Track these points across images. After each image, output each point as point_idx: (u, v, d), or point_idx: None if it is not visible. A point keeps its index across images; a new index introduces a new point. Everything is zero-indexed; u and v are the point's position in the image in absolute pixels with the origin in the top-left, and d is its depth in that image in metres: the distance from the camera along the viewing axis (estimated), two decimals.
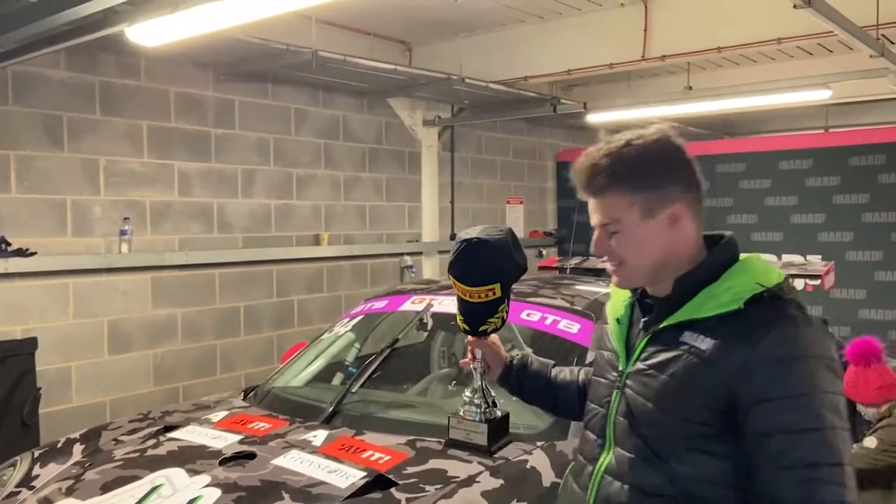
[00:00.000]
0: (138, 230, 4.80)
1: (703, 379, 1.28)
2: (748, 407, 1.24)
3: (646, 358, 1.38)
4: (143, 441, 2.64)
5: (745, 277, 1.32)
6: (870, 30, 4.20)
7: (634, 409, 1.37)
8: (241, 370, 5.43)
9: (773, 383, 1.23)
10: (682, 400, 1.30)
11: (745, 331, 1.26)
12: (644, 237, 1.36)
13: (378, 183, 6.56)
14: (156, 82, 4.91)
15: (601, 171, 1.36)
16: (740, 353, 1.25)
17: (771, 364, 1.23)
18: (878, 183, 6.60)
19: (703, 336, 1.30)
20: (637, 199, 1.35)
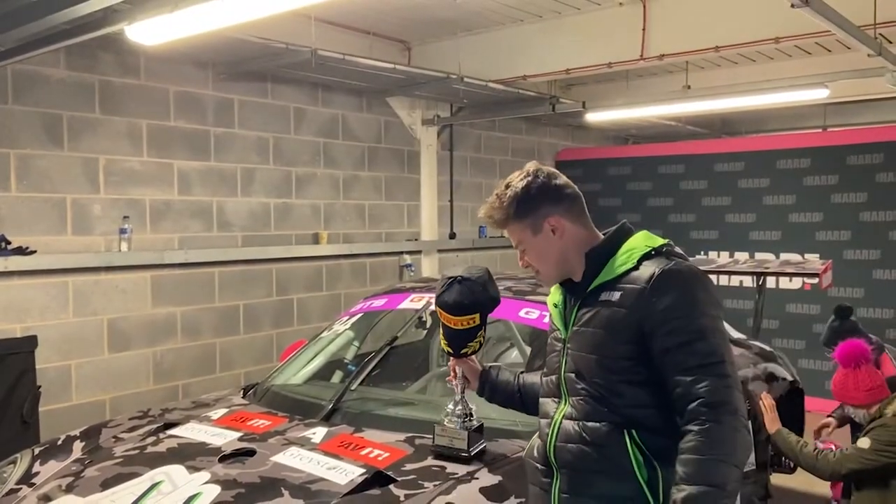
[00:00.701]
0: (138, 229, 4.81)
1: (619, 321, 1.68)
2: (651, 333, 1.65)
3: (577, 321, 1.77)
4: (142, 438, 2.65)
5: (636, 244, 1.76)
6: (867, 29, 4.21)
7: (577, 362, 1.75)
8: (240, 368, 5.44)
9: (664, 311, 1.64)
10: (608, 342, 1.70)
11: (641, 277, 1.69)
12: (541, 248, 1.81)
13: (377, 182, 6.57)
14: (155, 81, 4.92)
15: (497, 212, 1.80)
16: (639, 294, 1.67)
17: (661, 296, 1.65)
18: (876, 182, 6.60)
19: (613, 291, 1.71)
20: (525, 224, 1.79)
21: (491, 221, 1.81)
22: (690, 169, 7.69)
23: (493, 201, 1.80)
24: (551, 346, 1.88)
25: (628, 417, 1.67)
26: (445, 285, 2.18)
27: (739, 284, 6.85)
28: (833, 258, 6.02)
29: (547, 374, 1.87)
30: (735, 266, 5.22)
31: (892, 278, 6.50)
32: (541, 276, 1.85)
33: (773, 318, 6.67)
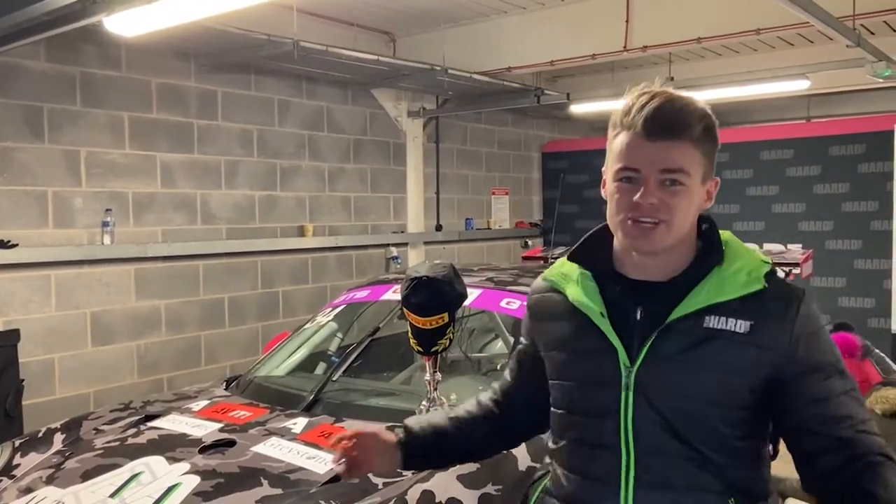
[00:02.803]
0: (121, 222, 4.79)
1: (746, 360, 1.26)
2: (799, 377, 1.27)
3: (663, 350, 1.28)
4: (123, 430, 2.65)
5: (748, 256, 1.34)
6: (846, 20, 4.25)
7: (664, 410, 1.27)
8: (225, 361, 5.44)
9: (817, 353, 1.29)
10: (725, 387, 1.27)
11: (778, 307, 1.28)
12: (694, 201, 1.30)
13: (363, 174, 6.57)
14: (137, 73, 4.89)
15: (695, 116, 1.28)
16: (781, 329, 1.27)
17: (811, 335, 1.29)
18: (858, 172, 6.67)
19: (732, 318, 1.27)
20: (704, 161, 1.30)
21: (674, 114, 1.26)
22: None
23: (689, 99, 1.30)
24: (581, 370, 1.38)
25: (733, 484, 1.29)
26: (410, 286, 2.12)
27: None
28: (816, 248, 6.07)
29: (578, 408, 1.38)
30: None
31: (873, 268, 6.57)
32: (663, 231, 1.27)
33: None
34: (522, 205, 8.61)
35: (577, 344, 1.38)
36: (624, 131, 1.30)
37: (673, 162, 1.26)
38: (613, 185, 1.31)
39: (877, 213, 6.51)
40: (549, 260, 4.72)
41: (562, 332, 1.41)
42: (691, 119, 1.27)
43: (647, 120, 1.26)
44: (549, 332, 1.45)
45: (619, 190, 1.30)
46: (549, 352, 1.45)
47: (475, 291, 3.03)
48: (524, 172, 8.66)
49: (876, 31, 5.82)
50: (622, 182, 1.29)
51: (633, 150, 1.28)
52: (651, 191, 1.25)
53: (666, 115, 1.26)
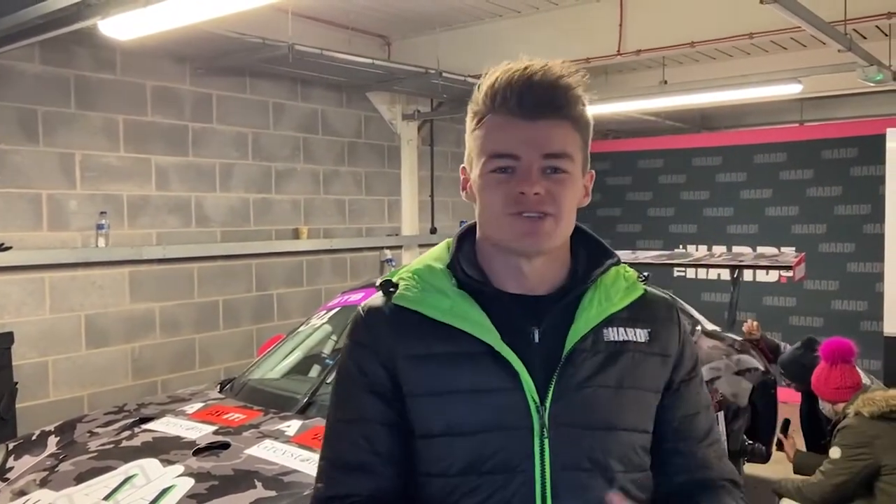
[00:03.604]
0: (115, 224, 4.79)
1: (653, 372, 1.13)
2: (681, 387, 1.16)
3: (574, 376, 1.07)
4: (117, 433, 2.66)
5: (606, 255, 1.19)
6: (838, 24, 4.27)
7: (590, 450, 1.06)
8: (220, 364, 5.44)
9: (692, 358, 1.19)
10: (645, 406, 1.12)
11: (663, 312, 1.18)
12: (576, 193, 1.11)
13: (357, 177, 6.58)
14: (132, 76, 4.90)
15: (573, 91, 1.09)
16: (672, 334, 1.17)
17: (688, 341, 1.20)
18: (851, 176, 6.71)
19: (629, 328, 1.12)
20: (583, 146, 1.12)
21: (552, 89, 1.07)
22: (669, 163, 7.77)
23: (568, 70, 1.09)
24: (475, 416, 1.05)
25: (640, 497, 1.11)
26: None
27: (717, 277, 6.94)
28: (808, 251, 6.12)
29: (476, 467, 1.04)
30: (711, 259, 5.30)
31: (866, 271, 6.61)
32: (552, 225, 1.06)
33: (750, 311, 6.76)
34: None
35: (464, 382, 1.05)
36: (491, 114, 1.09)
37: (556, 145, 1.05)
38: (484, 178, 1.08)
39: (869, 217, 6.55)
40: None
41: (438, 369, 1.07)
42: (571, 95, 1.08)
43: (523, 95, 1.05)
44: (416, 372, 1.07)
45: (494, 183, 1.06)
46: (420, 397, 1.07)
47: None
48: None
49: (867, 35, 5.85)
50: (496, 173, 1.06)
51: (508, 132, 1.06)
52: (536, 179, 1.04)
53: (544, 89, 1.06)
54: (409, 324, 1.09)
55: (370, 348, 1.11)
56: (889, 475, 2.98)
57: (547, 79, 1.07)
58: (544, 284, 1.12)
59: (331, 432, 1.15)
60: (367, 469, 1.08)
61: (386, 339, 1.10)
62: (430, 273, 1.14)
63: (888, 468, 2.98)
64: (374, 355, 1.10)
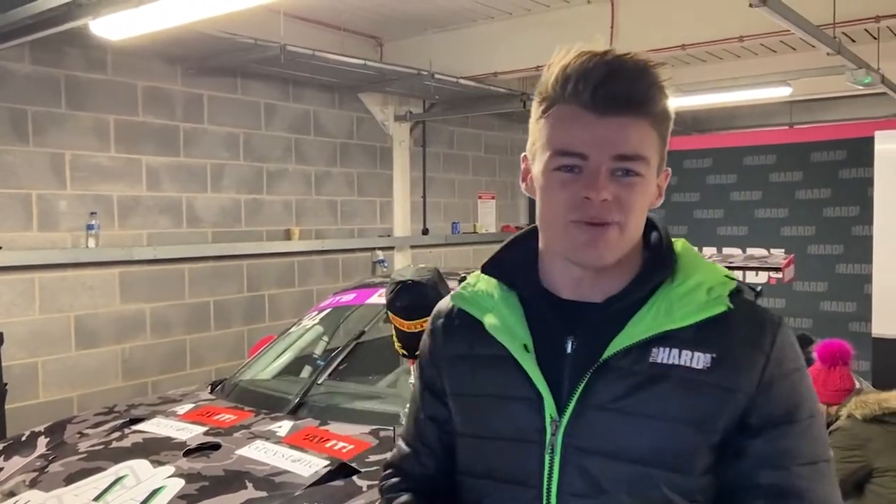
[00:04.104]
0: (105, 225, 4.78)
1: (706, 407, 0.95)
2: (758, 431, 0.95)
3: (598, 396, 0.97)
4: (107, 434, 2.65)
5: (707, 269, 1.03)
6: (827, 28, 4.31)
7: (598, 477, 0.96)
8: (211, 365, 5.43)
9: (790, 399, 0.97)
10: (680, 444, 0.95)
11: (748, 335, 0.97)
12: (648, 197, 1.00)
13: (349, 178, 6.58)
14: (123, 76, 4.88)
15: (657, 86, 0.97)
16: (752, 364, 0.96)
17: (788, 375, 0.98)
18: (839, 178, 6.74)
19: (688, 350, 0.96)
20: (661, 146, 1.00)
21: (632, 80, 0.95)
22: None
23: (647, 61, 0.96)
24: (492, 424, 1.05)
25: None
26: (395, 290, 2.16)
27: None
28: (798, 253, 6.14)
29: (491, 474, 1.05)
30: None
31: (855, 272, 6.64)
32: (615, 236, 0.96)
33: None
34: (509, 209, 8.64)
35: (490, 388, 1.05)
36: (560, 104, 0.97)
37: (630, 146, 0.95)
38: (546, 176, 0.99)
39: (857, 219, 6.58)
40: None
41: (473, 371, 1.07)
42: (653, 89, 0.96)
43: (598, 87, 0.93)
44: (457, 372, 1.09)
45: (558, 182, 0.97)
46: (457, 397, 1.10)
47: None
48: (510, 177, 8.70)
49: (856, 38, 5.91)
50: (561, 172, 0.97)
51: (576, 128, 0.95)
52: (604, 183, 0.94)
53: (623, 82, 0.94)
54: (463, 324, 1.10)
55: (428, 346, 1.16)
56: (881, 477, 3.00)
57: (627, 70, 0.94)
58: (600, 291, 1.02)
59: (408, 408, 1.24)
60: (415, 452, 1.17)
61: (440, 339, 1.14)
62: (476, 279, 1.14)
63: (880, 470, 3.00)
64: (430, 353, 1.15)
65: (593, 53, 0.95)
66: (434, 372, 1.13)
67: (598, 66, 0.94)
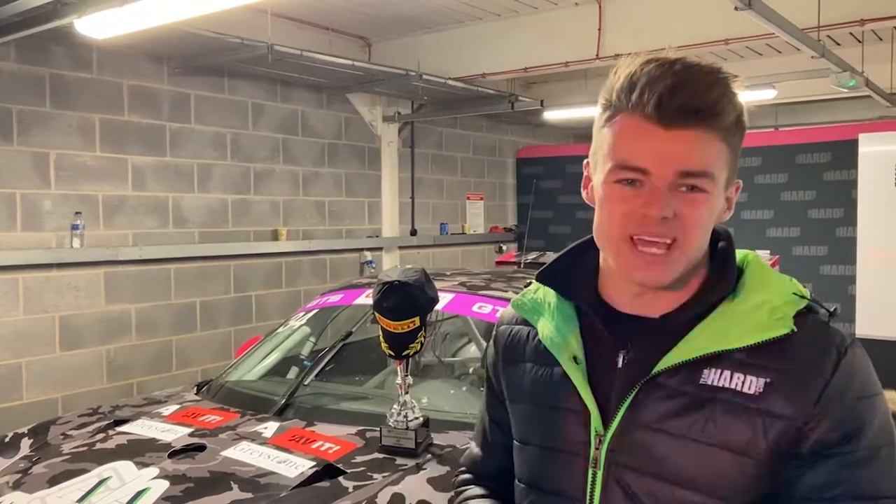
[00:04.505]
0: (91, 225, 4.74)
1: (756, 435, 0.90)
2: (811, 458, 0.90)
3: (644, 414, 0.95)
4: (91, 435, 2.63)
5: (775, 287, 0.98)
6: (811, 31, 4.35)
7: (641, 494, 0.95)
8: (197, 366, 5.40)
9: (850, 426, 0.89)
10: (728, 471, 0.91)
11: (809, 359, 0.91)
12: (715, 213, 0.96)
13: (338, 178, 6.56)
14: (108, 75, 4.85)
15: (729, 97, 0.92)
16: (810, 389, 0.90)
17: (855, 400, 0.90)
18: (824, 180, 6.82)
19: (740, 373, 0.92)
20: (732, 160, 0.95)
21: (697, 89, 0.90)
22: None
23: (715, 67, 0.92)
24: (542, 431, 1.06)
25: None
26: (382, 290, 2.14)
27: None
28: (783, 254, 6.21)
29: (534, 481, 1.07)
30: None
31: (838, 273, 6.72)
32: (672, 259, 0.94)
33: None
34: (497, 210, 8.66)
35: (540, 397, 1.05)
36: (624, 113, 0.93)
37: (697, 161, 0.90)
38: (606, 188, 0.96)
39: (842, 221, 6.66)
40: (521, 265, 4.77)
41: (526, 378, 1.09)
42: (724, 101, 0.91)
43: (664, 98, 0.89)
44: (513, 377, 1.12)
45: (618, 196, 0.94)
46: (512, 403, 1.13)
47: (448, 296, 3.05)
48: (499, 178, 8.72)
49: (841, 41, 5.97)
50: (622, 185, 0.94)
51: (640, 141, 0.91)
52: (665, 200, 0.90)
53: (692, 93, 0.89)
54: (521, 330, 1.14)
55: (492, 350, 1.20)
56: None
57: (696, 79, 0.90)
58: (660, 306, 0.99)
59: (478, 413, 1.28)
60: (483, 453, 1.24)
61: (501, 344, 1.18)
62: (535, 288, 1.15)
63: None
64: (492, 357, 1.20)
65: (662, 61, 0.92)
66: (496, 376, 1.19)
67: (666, 75, 0.90)
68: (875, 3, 4.57)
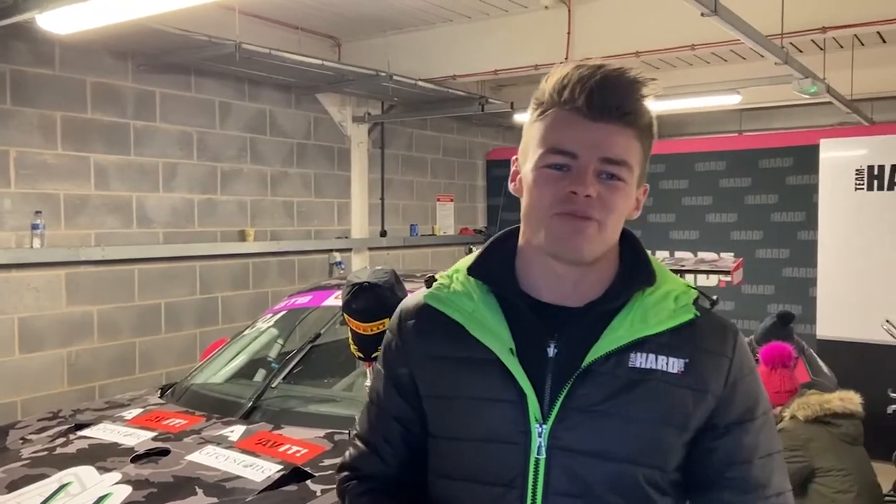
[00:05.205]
0: (52, 224, 4.63)
1: (681, 408, 1.03)
2: (728, 430, 1.06)
3: (583, 399, 1.02)
4: (52, 440, 2.57)
5: (672, 279, 1.11)
6: (775, 38, 4.43)
7: (586, 478, 1.02)
8: (161, 369, 5.31)
9: (750, 399, 1.07)
10: (661, 443, 1.03)
11: (713, 342, 1.07)
12: (627, 204, 1.06)
13: (306, 179, 6.51)
14: (71, 72, 4.74)
15: (644, 101, 1.05)
16: (718, 368, 1.05)
17: (746, 376, 1.08)
18: (786, 184, 6.95)
19: (663, 356, 1.03)
20: (643, 160, 1.07)
21: (624, 92, 1.03)
22: None
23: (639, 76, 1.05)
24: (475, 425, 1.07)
25: None
26: (351, 292, 2.12)
27: None
28: (746, 256, 6.32)
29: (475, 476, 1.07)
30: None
31: (800, 276, 6.86)
32: (596, 234, 1.02)
33: None
34: (467, 211, 8.67)
35: (472, 389, 1.06)
36: (556, 108, 1.04)
37: (617, 151, 1.02)
38: (536, 172, 1.04)
39: (803, 224, 6.80)
40: None
41: (450, 372, 1.09)
42: (641, 103, 1.05)
43: (593, 94, 1.01)
44: (433, 372, 1.11)
45: (546, 178, 1.03)
46: (432, 398, 1.12)
47: None
48: (469, 179, 8.73)
49: (803, 49, 6.09)
50: (550, 169, 1.03)
51: (569, 129, 1.02)
52: (590, 181, 1.00)
53: (616, 91, 1.02)
54: (436, 324, 1.12)
55: (396, 345, 1.17)
56: (823, 477, 3.10)
57: (620, 82, 1.03)
58: (579, 296, 1.08)
59: (364, 407, 1.24)
60: (376, 451, 1.18)
61: (410, 339, 1.14)
62: (464, 274, 1.14)
63: (822, 470, 3.10)
64: (398, 352, 1.16)
65: (590, 65, 1.04)
66: (405, 372, 1.14)
67: (594, 76, 1.02)
68: (836, 11, 4.68)
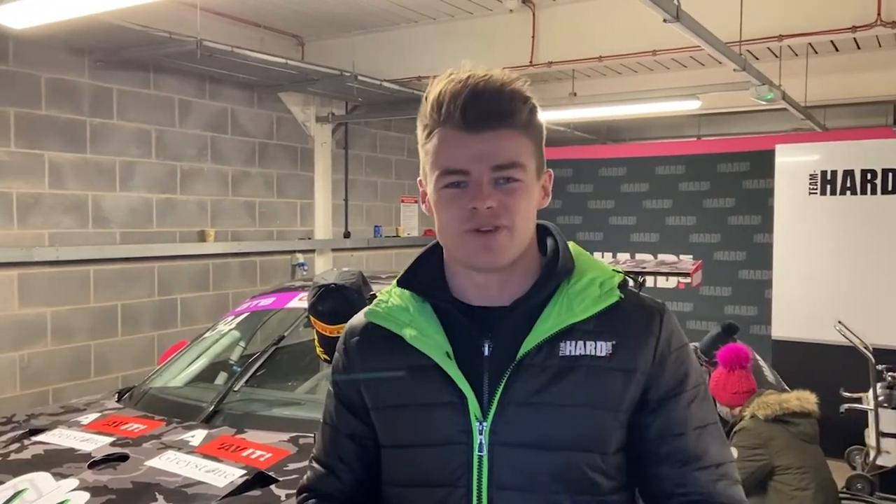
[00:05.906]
0: (3, 224, 4.50)
1: (613, 390, 1.06)
2: (661, 404, 1.08)
3: (518, 393, 1.05)
4: (5, 446, 2.48)
5: (597, 267, 1.14)
6: (734, 45, 4.53)
7: (528, 470, 1.04)
8: (118, 372, 5.19)
9: (679, 373, 1.09)
10: (597, 427, 1.06)
11: (639, 322, 1.09)
12: (532, 200, 1.09)
13: (269, 179, 6.43)
14: (25, 67, 4.61)
15: (519, 97, 1.05)
16: (645, 346, 1.08)
17: (674, 352, 1.10)
18: (743, 188, 7.10)
19: (591, 341, 1.06)
20: (536, 150, 1.09)
21: (495, 98, 1.04)
22: (577, 173, 7.99)
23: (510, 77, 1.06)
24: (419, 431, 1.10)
25: None
26: (318, 293, 2.09)
27: None
28: (705, 259, 6.43)
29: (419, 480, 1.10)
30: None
31: (756, 278, 7.01)
32: (507, 239, 1.05)
33: None
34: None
35: (414, 396, 1.10)
36: (439, 128, 1.06)
37: (506, 155, 1.04)
38: (437, 195, 1.07)
39: (759, 227, 6.95)
40: None
41: (393, 384, 1.12)
42: (515, 102, 1.05)
43: (467, 108, 1.02)
44: (377, 386, 1.14)
45: (448, 199, 1.05)
46: (380, 410, 1.14)
47: None
48: None
49: (760, 56, 6.24)
50: (450, 189, 1.05)
51: (456, 148, 1.04)
52: (487, 193, 1.02)
53: (487, 99, 1.03)
54: (377, 338, 1.15)
55: (343, 363, 1.20)
56: (782, 474, 3.17)
57: (489, 89, 1.04)
58: (506, 295, 1.11)
59: (319, 430, 1.24)
60: (332, 471, 1.19)
61: (355, 355, 1.18)
62: (400, 288, 1.17)
63: (781, 468, 3.17)
64: (345, 370, 1.19)
65: (458, 79, 1.05)
66: (352, 389, 1.17)
67: (464, 90, 1.03)
68: (792, 20, 4.81)
